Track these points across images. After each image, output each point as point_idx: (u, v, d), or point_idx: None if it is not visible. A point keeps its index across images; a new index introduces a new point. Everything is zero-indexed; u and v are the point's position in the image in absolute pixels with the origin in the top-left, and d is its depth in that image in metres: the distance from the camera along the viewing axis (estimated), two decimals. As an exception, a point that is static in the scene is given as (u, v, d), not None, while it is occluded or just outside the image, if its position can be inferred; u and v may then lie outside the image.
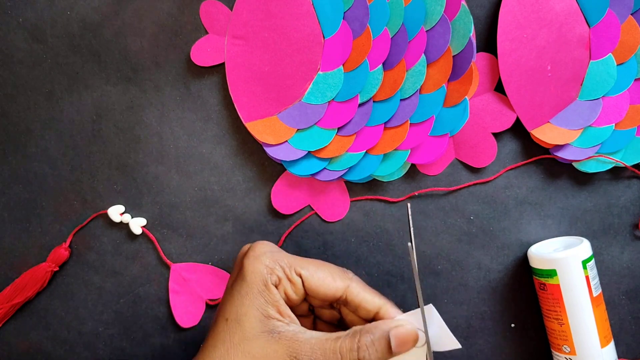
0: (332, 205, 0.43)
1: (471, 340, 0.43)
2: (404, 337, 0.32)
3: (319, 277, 0.33)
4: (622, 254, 0.42)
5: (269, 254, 0.33)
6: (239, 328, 0.32)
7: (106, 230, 0.44)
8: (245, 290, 0.32)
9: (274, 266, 0.33)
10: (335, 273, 0.34)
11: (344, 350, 0.31)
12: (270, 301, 0.32)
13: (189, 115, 0.43)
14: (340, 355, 0.31)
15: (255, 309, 0.32)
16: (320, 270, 0.34)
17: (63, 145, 0.44)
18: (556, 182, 0.42)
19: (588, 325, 0.38)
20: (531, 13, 0.39)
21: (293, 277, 0.33)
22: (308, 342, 0.31)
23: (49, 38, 0.43)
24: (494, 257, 0.43)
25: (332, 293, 0.34)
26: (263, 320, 0.32)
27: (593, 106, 0.40)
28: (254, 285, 0.32)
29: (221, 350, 0.32)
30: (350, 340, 0.31)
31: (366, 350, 0.31)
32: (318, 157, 0.41)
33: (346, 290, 0.34)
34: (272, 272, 0.33)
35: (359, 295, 0.34)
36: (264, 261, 0.33)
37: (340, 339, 0.31)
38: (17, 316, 0.45)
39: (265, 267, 0.33)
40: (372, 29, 0.39)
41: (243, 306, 0.32)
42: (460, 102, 0.39)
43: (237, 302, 0.32)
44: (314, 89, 0.41)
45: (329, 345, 0.31)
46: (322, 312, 0.37)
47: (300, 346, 0.31)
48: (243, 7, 0.41)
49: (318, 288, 0.33)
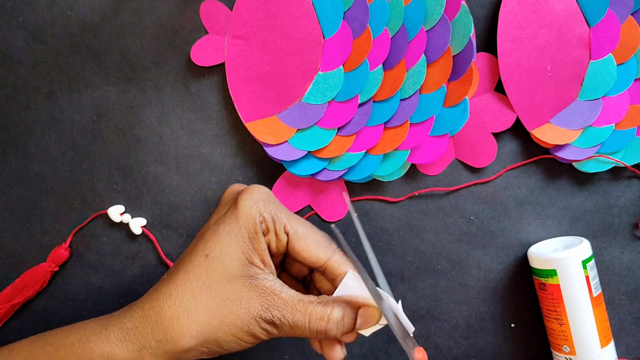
0: (332, 205, 0.43)
1: (471, 340, 0.43)
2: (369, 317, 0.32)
3: (304, 243, 0.34)
4: (622, 254, 0.42)
5: (265, 202, 0.33)
6: (220, 266, 0.31)
7: (106, 230, 0.44)
8: (235, 231, 0.32)
9: (267, 215, 0.33)
10: (320, 242, 0.34)
11: (313, 316, 0.31)
12: (257, 248, 0.32)
13: (189, 115, 0.43)
14: (309, 320, 0.31)
15: (241, 251, 0.32)
16: (307, 235, 0.34)
17: (63, 145, 0.44)
18: (556, 182, 0.42)
19: (588, 325, 0.38)
20: (531, 13, 0.39)
21: (280, 233, 0.33)
22: (282, 297, 0.32)
23: (49, 38, 0.43)
24: (494, 257, 0.43)
25: (313, 261, 0.34)
26: (246, 264, 0.32)
27: (593, 106, 0.40)
28: (244, 228, 0.32)
29: (193, 285, 0.32)
30: (322, 309, 0.32)
31: (335, 323, 0.32)
32: (318, 157, 0.41)
33: (327, 263, 0.34)
34: (264, 220, 0.33)
35: (338, 269, 0.34)
36: (259, 207, 0.32)
37: (313, 305, 0.32)
38: (17, 316, 0.45)
39: (259, 214, 0.32)
40: (372, 29, 0.39)
41: (229, 247, 0.32)
42: (460, 102, 0.39)
43: (224, 241, 0.32)
44: (314, 89, 0.41)
45: (301, 307, 0.31)
46: (291, 265, 0.37)
47: (275, 299, 0.31)
48: (243, 7, 0.41)
49: (300, 252, 0.34)
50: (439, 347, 0.43)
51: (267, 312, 0.31)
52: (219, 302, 0.31)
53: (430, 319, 0.43)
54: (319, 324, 0.32)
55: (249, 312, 0.31)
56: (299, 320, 0.31)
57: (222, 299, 0.31)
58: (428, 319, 0.43)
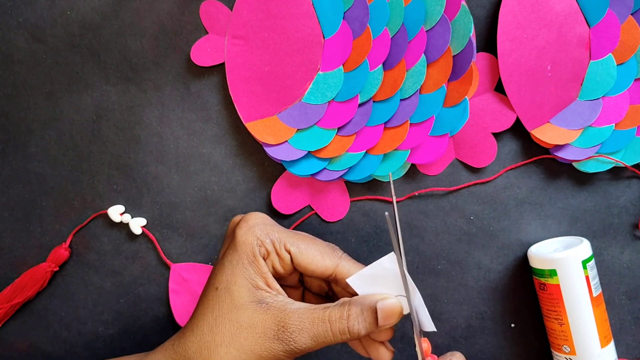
0: (332, 205, 0.43)
1: (471, 340, 0.43)
2: (390, 309, 0.32)
3: (308, 256, 0.34)
4: (622, 254, 0.42)
5: (261, 226, 0.34)
6: (228, 297, 0.32)
7: (106, 230, 0.44)
8: (236, 259, 0.33)
9: (264, 239, 0.33)
10: (324, 252, 0.34)
11: (332, 318, 0.31)
12: (258, 272, 0.32)
13: (189, 115, 0.43)
14: (329, 323, 0.31)
15: (244, 278, 0.32)
16: (310, 248, 0.34)
17: (63, 145, 0.44)
18: (556, 182, 0.42)
19: (588, 325, 0.38)
20: (531, 13, 0.39)
21: (282, 252, 0.34)
22: (296, 312, 0.32)
23: (49, 38, 0.43)
24: (494, 257, 0.43)
25: (321, 271, 0.34)
26: (252, 290, 0.32)
27: (593, 106, 0.40)
28: (244, 255, 0.33)
29: (209, 319, 0.32)
30: (339, 309, 0.32)
31: (355, 319, 0.31)
32: (318, 157, 0.41)
33: (335, 269, 0.34)
34: (262, 244, 0.33)
35: (348, 273, 0.34)
36: (255, 232, 0.33)
37: (330, 309, 0.32)
38: (17, 316, 0.45)
39: (255, 239, 0.33)
40: (372, 29, 0.39)
41: (233, 275, 0.32)
42: (460, 102, 0.39)
43: (228, 272, 0.33)
44: (314, 89, 0.41)
45: (318, 315, 0.31)
46: (311, 284, 0.38)
47: (289, 315, 0.31)
48: (243, 7, 0.41)
49: (307, 266, 0.34)
50: (439, 347, 0.43)
51: (284, 331, 0.31)
52: (233, 331, 0.32)
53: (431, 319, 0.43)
54: (340, 324, 0.31)
55: (266, 334, 0.31)
56: (318, 328, 0.31)
57: (235, 327, 0.32)
58: (428, 319, 0.43)
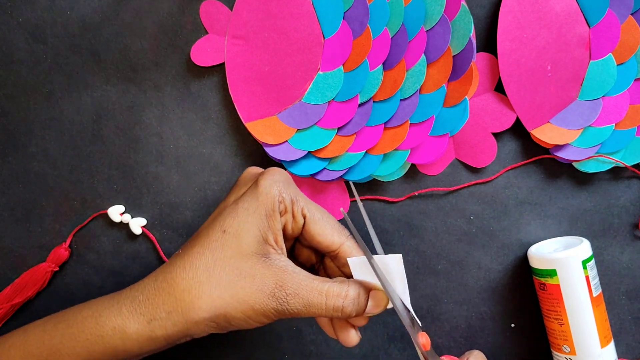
0: (332, 205, 0.43)
1: (471, 340, 0.43)
2: (379, 300, 0.33)
3: (320, 226, 0.34)
4: (622, 254, 0.42)
5: (285, 183, 0.33)
6: (235, 242, 0.32)
7: (106, 230, 0.44)
8: (254, 208, 0.32)
9: (286, 196, 0.33)
10: (335, 227, 0.35)
11: (330, 293, 0.32)
12: (272, 227, 0.32)
13: (189, 115, 0.43)
14: (326, 296, 0.32)
15: (257, 228, 0.32)
16: (324, 219, 0.34)
17: (63, 145, 0.44)
18: (556, 182, 0.42)
19: (588, 325, 0.38)
20: (531, 13, 0.39)
21: (298, 215, 0.33)
22: (296, 276, 0.32)
23: (49, 38, 0.43)
24: (494, 257, 0.43)
25: (326, 245, 0.34)
26: (261, 242, 0.32)
27: (593, 106, 0.40)
28: (263, 206, 0.32)
29: (208, 259, 0.32)
30: (338, 286, 0.32)
31: (351, 300, 0.32)
32: (318, 157, 0.41)
33: (340, 247, 0.34)
34: (283, 201, 0.33)
35: (350, 254, 0.34)
36: (279, 187, 0.33)
37: (329, 283, 0.32)
38: (17, 316, 0.45)
39: (278, 193, 0.33)
40: (372, 29, 0.39)
41: (247, 223, 0.32)
42: (460, 102, 0.39)
43: (242, 218, 0.32)
44: (314, 89, 0.41)
45: (316, 285, 0.32)
46: (300, 252, 0.38)
47: (289, 277, 0.32)
48: (243, 7, 0.41)
49: (316, 236, 0.34)
50: (439, 347, 0.43)
51: (280, 290, 0.31)
52: (232, 277, 0.31)
53: (430, 319, 0.43)
54: (337, 301, 0.32)
55: (262, 289, 0.31)
56: (314, 298, 0.32)
57: (235, 274, 0.31)
58: (428, 319, 0.43)
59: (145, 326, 0.32)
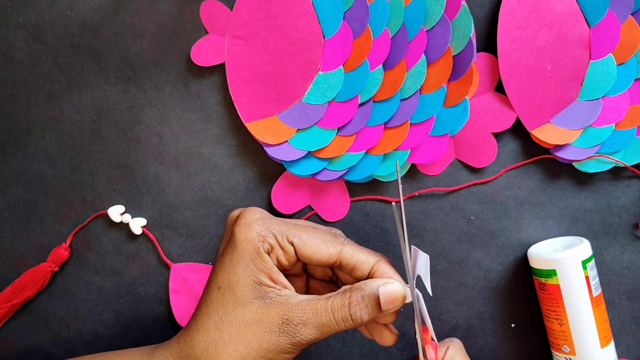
0: (332, 205, 0.43)
1: (471, 340, 0.43)
2: (391, 294, 0.32)
3: (311, 246, 0.33)
4: (622, 254, 0.42)
5: (260, 222, 0.33)
6: (232, 295, 0.32)
7: (106, 230, 0.44)
8: (237, 258, 0.32)
9: (266, 234, 0.33)
10: (327, 239, 0.34)
11: (335, 307, 0.31)
12: (262, 268, 0.32)
13: (189, 115, 0.43)
14: (332, 312, 0.31)
15: (246, 276, 0.32)
16: (312, 237, 0.34)
17: (63, 145, 0.44)
18: (556, 182, 0.42)
19: (588, 325, 0.38)
20: (531, 13, 0.39)
21: (285, 245, 0.33)
22: (299, 305, 0.32)
23: (49, 38, 0.43)
24: (494, 257, 0.43)
25: (325, 260, 0.34)
26: (255, 286, 0.32)
27: (593, 106, 0.40)
28: (245, 252, 0.32)
29: (215, 317, 0.32)
30: (341, 297, 0.32)
31: (357, 305, 0.32)
32: (318, 157, 0.41)
33: (339, 256, 0.34)
34: (264, 239, 0.33)
35: (352, 258, 0.34)
36: (255, 229, 0.33)
37: (332, 298, 0.32)
38: (17, 316, 0.45)
39: (257, 235, 0.32)
40: (372, 29, 0.39)
41: (235, 274, 0.32)
42: (460, 102, 0.39)
43: (229, 270, 0.32)
44: (314, 89, 0.41)
45: (320, 305, 0.32)
46: (315, 270, 0.38)
47: (292, 309, 0.32)
48: (243, 7, 0.41)
49: (311, 256, 0.33)
50: (439, 347, 0.43)
51: (288, 324, 0.32)
52: (240, 328, 0.32)
53: (431, 319, 0.43)
54: (343, 312, 0.32)
55: (271, 329, 0.31)
56: (322, 318, 0.31)
57: (241, 325, 0.32)
58: (428, 319, 0.43)
59: None
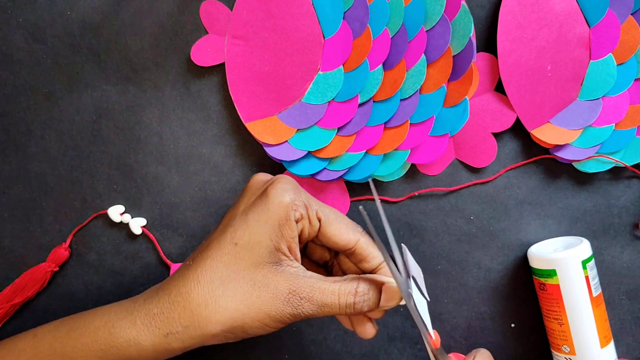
0: (332, 205, 0.43)
1: (471, 340, 0.43)
2: (392, 294, 0.33)
3: (336, 227, 0.34)
4: (622, 254, 0.42)
5: (295, 190, 0.33)
6: (248, 254, 0.32)
7: (106, 230, 0.44)
8: (265, 218, 0.32)
9: (299, 202, 0.33)
10: (349, 225, 0.35)
11: (342, 292, 0.32)
12: (286, 235, 0.32)
13: (189, 115, 0.43)
14: (339, 296, 0.32)
15: (269, 239, 0.32)
16: (338, 219, 0.35)
17: (63, 145, 0.44)
18: (556, 182, 0.42)
19: (588, 325, 0.38)
20: (531, 13, 0.39)
21: (313, 218, 0.34)
22: (308, 280, 0.32)
23: (49, 38, 0.43)
24: (494, 257, 0.43)
25: (344, 244, 0.35)
26: (273, 251, 0.32)
27: (593, 106, 0.40)
28: (275, 216, 0.32)
29: (222, 272, 0.32)
30: (349, 284, 0.33)
31: (362, 296, 0.33)
32: (318, 157, 0.41)
33: (356, 244, 0.35)
34: (297, 208, 0.33)
35: (367, 249, 0.35)
36: (291, 195, 0.33)
37: (340, 282, 0.33)
38: (17, 316, 0.45)
39: (291, 201, 0.32)
40: (372, 29, 0.39)
41: (258, 234, 0.32)
42: (460, 102, 0.39)
43: (253, 229, 0.32)
44: (314, 89, 0.41)
45: (328, 286, 0.32)
46: (314, 251, 0.38)
47: (301, 283, 0.32)
48: (243, 7, 0.41)
49: (333, 237, 0.34)
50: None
51: (294, 296, 0.32)
52: (246, 288, 0.32)
53: (431, 319, 0.43)
54: (348, 298, 0.32)
55: (277, 296, 0.32)
56: (328, 298, 0.32)
57: (249, 285, 0.32)
58: (428, 319, 0.43)
59: (161, 339, 0.33)
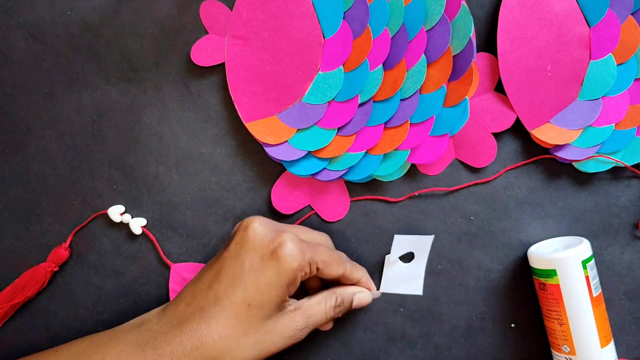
0: (332, 205, 0.43)
1: (471, 340, 0.43)
2: (363, 301, 0.40)
3: (330, 268, 0.38)
4: (622, 254, 0.42)
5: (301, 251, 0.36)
6: (260, 312, 0.35)
7: (106, 230, 0.44)
8: (277, 282, 0.35)
9: (305, 264, 0.36)
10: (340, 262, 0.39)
11: (328, 310, 0.38)
12: (291, 291, 0.36)
13: (189, 115, 0.43)
14: (326, 315, 0.38)
15: (278, 297, 0.35)
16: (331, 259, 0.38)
17: (63, 145, 0.44)
18: (556, 182, 0.42)
19: (588, 325, 0.38)
20: (531, 13, 0.39)
21: (314, 271, 0.37)
22: (312, 307, 0.38)
23: (49, 38, 0.43)
24: (494, 257, 0.43)
25: (335, 278, 0.39)
26: (279, 304, 0.36)
27: (593, 106, 0.40)
28: (285, 279, 0.35)
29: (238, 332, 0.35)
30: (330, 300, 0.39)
31: (340, 306, 0.39)
32: (318, 157, 0.41)
33: (344, 274, 0.39)
34: (303, 268, 0.36)
35: (351, 275, 0.40)
36: (299, 260, 0.36)
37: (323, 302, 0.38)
38: (17, 316, 0.45)
39: (299, 266, 0.36)
40: (372, 29, 0.39)
41: (270, 296, 0.35)
42: (460, 102, 0.39)
43: (265, 292, 0.35)
44: (314, 89, 0.41)
45: (322, 307, 0.38)
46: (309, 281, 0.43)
47: (309, 311, 0.37)
48: (243, 7, 0.41)
49: (328, 275, 0.38)
50: (439, 347, 0.43)
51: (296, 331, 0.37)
52: (259, 337, 0.35)
53: (430, 319, 0.43)
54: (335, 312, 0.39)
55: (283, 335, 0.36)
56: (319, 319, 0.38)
57: (261, 334, 0.35)
58: (428, 319, 0.43)
59: None
